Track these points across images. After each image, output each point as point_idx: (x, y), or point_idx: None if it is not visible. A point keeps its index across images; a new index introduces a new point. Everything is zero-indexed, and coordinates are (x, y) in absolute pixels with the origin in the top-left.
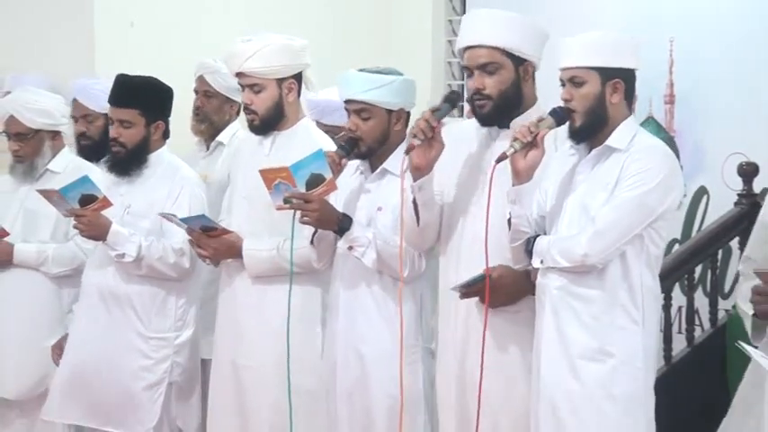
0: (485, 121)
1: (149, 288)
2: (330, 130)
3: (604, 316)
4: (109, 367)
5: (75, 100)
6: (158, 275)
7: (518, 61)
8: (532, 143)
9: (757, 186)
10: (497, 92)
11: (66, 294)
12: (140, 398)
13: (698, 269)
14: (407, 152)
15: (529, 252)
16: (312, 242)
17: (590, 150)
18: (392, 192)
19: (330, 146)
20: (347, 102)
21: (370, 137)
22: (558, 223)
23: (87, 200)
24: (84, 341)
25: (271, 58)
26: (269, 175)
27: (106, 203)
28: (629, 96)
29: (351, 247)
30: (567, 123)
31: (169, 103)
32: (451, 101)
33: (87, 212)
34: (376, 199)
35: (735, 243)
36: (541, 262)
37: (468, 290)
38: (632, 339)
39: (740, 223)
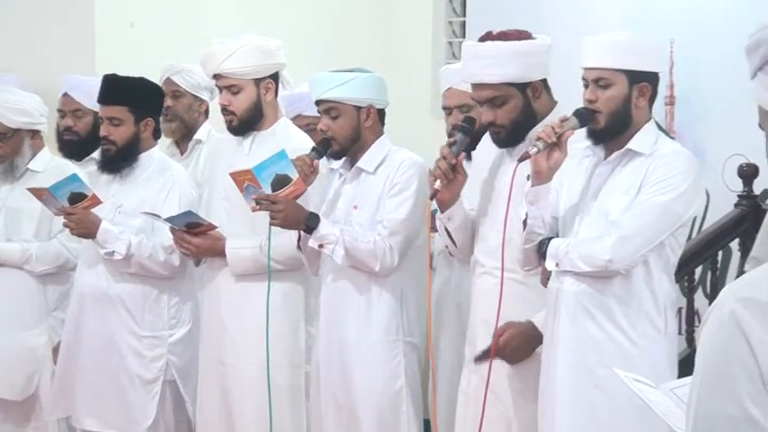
0: (501, 145)
1: (141, 287)
2: (312, 122)
3: (627, 324)
4: (104, 367)
5: (65, 94)
6: (149, 273)
7: (524, 86)
8: (556, 144)
9: (757, 188)
10: (508, 121)
11: (50, 292)
12: (135, 397)
13: (698, 270)
14: (432, 197)
15: (542, 254)
16: (299, 246)
17: (607, 152)
18: (367, 190)
19: (308, 145)
20: (317, 103)
21: (341, 135)
22: (575, 226)
23: (77, 198)
24: (79, 342)
25: (247, 59)
26: (238, 178)
27: (96, 201)
28: (652, 100)
29: (321, 245)
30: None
31: (158, 102)
32: (465, 130)
33: (77, 210)
34: (352, 198)
35: (735, 244)
36: (557, 265)
37: (483, 359)
38: (655, 348)
39: (740, 225)
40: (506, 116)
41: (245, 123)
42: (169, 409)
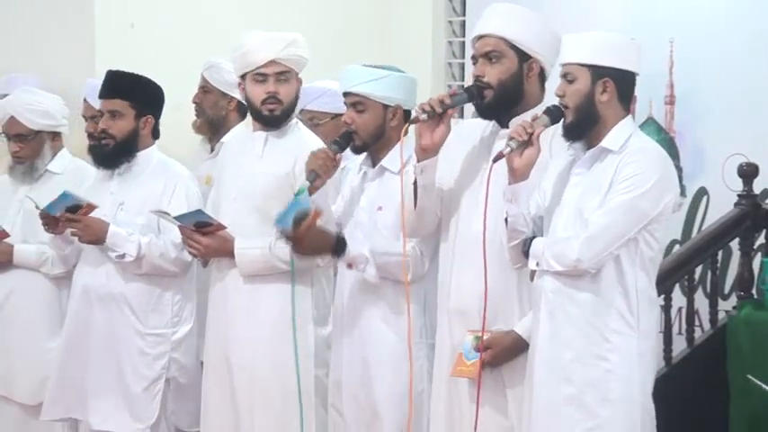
0: (484, 111)
1: (145, 285)
2: (315, 116)
3: (598, 320)
4: (107, 366)
5: (85, 100)
6: (160, 272)
7: (523, 56)
8: (528, 141)
9: (757, 187)
10: (496, 81)
11: (65, 295)
12: (138, 395)
13: (698, 270)
14: (411, 122)
15: (526, 253)
16: None
17: (587, 151)
18: (392, 190)
19: (319, 146)
20: (345, 95)
21: (364, 130)
22: (553, 224)
23: (73, 210)
24: (81, 341)
25: (302, 50)
26: None
27: (92, 207)
28: (624, 98)
29: (350, 265)
30: (562, 121)
31: (159, 101)
32: (471, 93)
33: (79, 217)
34: (376, 198)
35: (735, 244)
36: (537, 264)
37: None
38: (627, 343)
39: (740, 224)
40: (496, 75)
41: (287, 115)
42: (171, 407)
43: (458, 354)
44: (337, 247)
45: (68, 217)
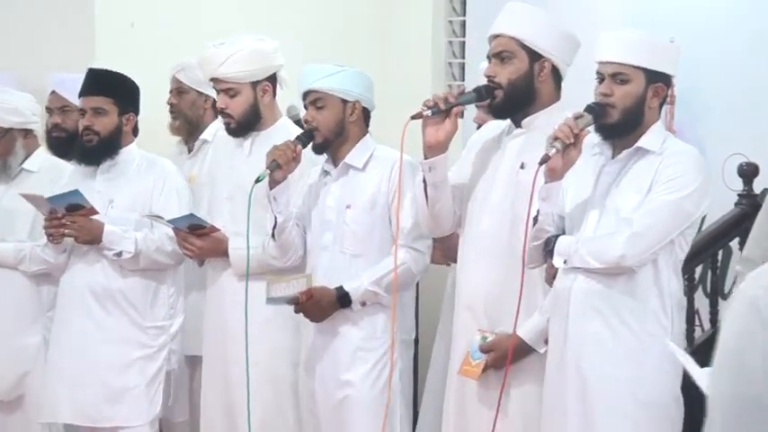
0: (496, 111)
1: (142, 280)
2: None
3: (635, 321)
4: (109, 363)
5: (52, 92)
6: (157, 266)
7: (534, 56)
8: (573, 143)
9: (757, 187)
10: (506, 81)
11: (45, 292)
12: (142, 389)
13: (698, 269)
14: (413, 117)
15: (549, 252)
16: (273, 236)
17: (614, 150)
18: (358, 187)
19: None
20: (304, 96)
21: (324, 126)
22: (584, 224)
23: (73, 208)
24: (81, 340)
25: (243, 63)
26: None
27: (92, 212)
28: (663, 102)
29: (363, 303)
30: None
31: (138, 99)
32: (479, 93)
33: (77, 218)
34: (342, 197)
35: (735, 243)
36: (565, 262)
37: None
38: (660, 345)
39: (740, 224)
40: (507, 75)
41: (243, 126)
42: (172, 397)
43: (466, 352)
44: (341, 298)
45: (65, 216)
